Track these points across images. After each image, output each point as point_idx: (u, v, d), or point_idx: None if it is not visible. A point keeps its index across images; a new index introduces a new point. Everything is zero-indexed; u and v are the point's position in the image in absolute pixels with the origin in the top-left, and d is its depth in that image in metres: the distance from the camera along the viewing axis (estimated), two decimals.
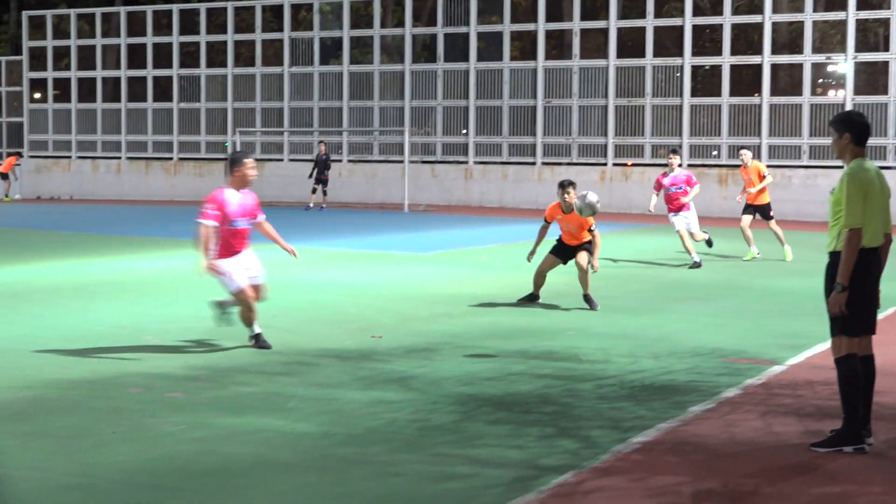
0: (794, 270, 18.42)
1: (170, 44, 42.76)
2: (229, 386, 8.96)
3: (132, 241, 22.76)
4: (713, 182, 34.30)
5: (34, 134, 45.11)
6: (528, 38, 38.31)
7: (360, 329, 11.84)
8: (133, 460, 6.81)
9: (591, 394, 8.88)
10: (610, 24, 36.23)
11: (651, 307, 13.95)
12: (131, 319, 12.35)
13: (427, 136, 38.65)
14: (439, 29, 38.79)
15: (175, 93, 42.64)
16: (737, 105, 34.73)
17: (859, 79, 33.70)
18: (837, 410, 8.37)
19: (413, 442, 7.33)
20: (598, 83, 36.52)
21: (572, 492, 6.31)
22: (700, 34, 35.98)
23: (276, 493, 6.24)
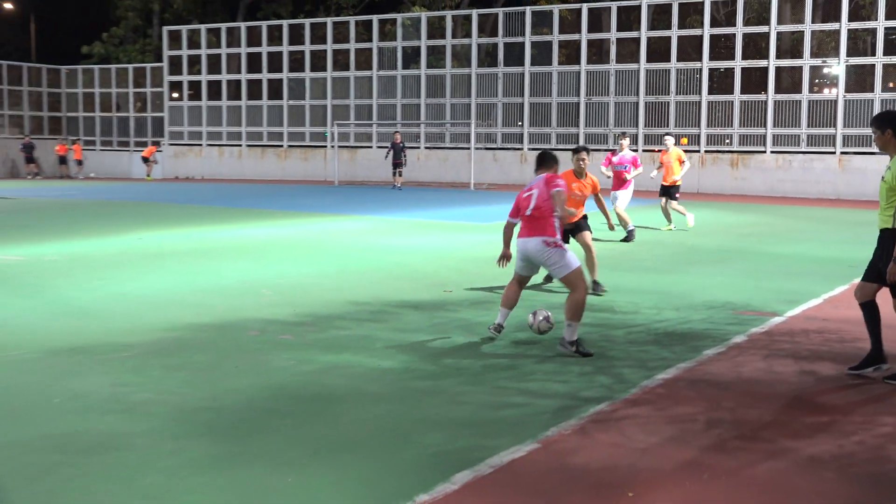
0: (794, 239, 18.16)
1: (280, 52, 42.98)
2: (329, 330, 9.05)
3: (250, 213, 22.99)
4: (726, 165, 33.91)
5: (172, 126, 45.66)
6: (573, 46, 37.98)
7: (435, 285, 11.88)
8: (252, 388, 6.92)
9: (622, 339, 8.86)
10: (641, 34, 35.85)
11: (673, 268, 13.85)
12: (251, 276, 12.50)
13: (489, 127, 38.54)
14: (500, 39, 38.61)
15: (285, 92, 42.89)
16: (746, 101, 34.26)
17: (850, 79, 33.05)
18: (827, 353, 8.31)
19: (477, 377, 7.37)
20: (630, 83, 36.17)
21: (607, 419, 6.31)
22: (716, 42, 35.44)
23: (366, 417, 6.30)
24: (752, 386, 7.24)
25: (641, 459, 5.53)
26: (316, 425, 6.08)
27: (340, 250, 15.47)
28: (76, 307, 10.13)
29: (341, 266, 13.56)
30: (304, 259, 14.31)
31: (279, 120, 43.08)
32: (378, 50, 41.07)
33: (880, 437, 6.02)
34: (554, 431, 5.97)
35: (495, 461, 5.41)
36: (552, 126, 37.39)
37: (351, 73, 41.58)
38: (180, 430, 5.95)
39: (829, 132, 32.87)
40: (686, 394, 6.97)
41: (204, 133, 44.75)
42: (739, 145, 34.35)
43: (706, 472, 5.36)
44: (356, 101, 41.46)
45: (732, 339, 8.86)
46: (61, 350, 8.08)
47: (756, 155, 33.86)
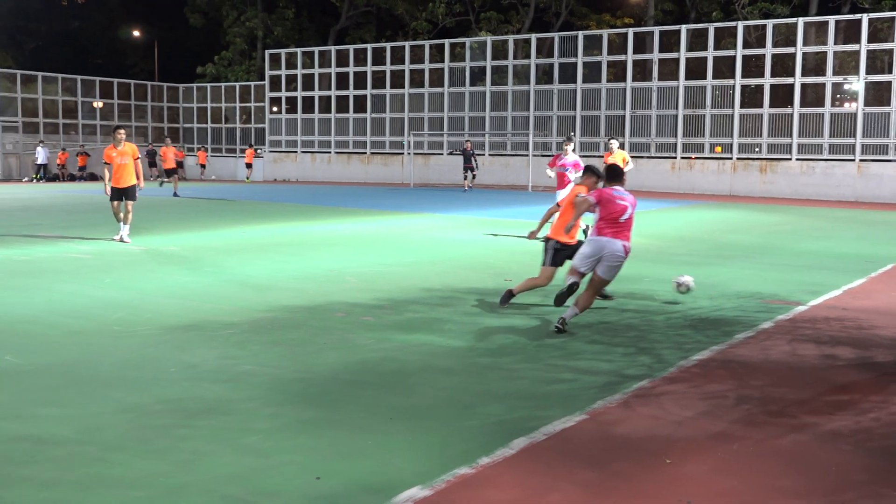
0: (816, 236, 17.75)
1: (365, 72, 43.21)
2: (404, 312, 9.07)
3: (338, 211, 23.18)
4: (755, 171, 33.27)
5: (272, 136, 46.19)
6: (619, 65, 37.55)
7: (496, 274, 11.85)
8: (338, 362, 6.96)
9: (662, 323, 8.74)
10: (681, 54, 35.30)
11: (707, 262, 13.63)
12: (338, 265, 12.59)
13: (545, 136, 38.29)
14: (555, 59, 38.33)
15: (368, 106, 43.12)
16: (774, 114, 33.56)
17: (868, 94, 32.18)
18: (846, 339, 8.11)
19: (532, 355, 7.33)
20: (670, 98, 35.65)
21: (647, 394, 6.23)
22: (748, 61, 34.75)
23: (438, 388, 6.31)
24: (777, 367, 7.09)
25: (678, 431, 5.45)
26: (392, 395, 6.10)
27: (415, 243, 15.51)
28: (190, 290, 10.30)
29: (416, 257, 13.59)
30: (383, 251, 14.37)
31: (363, 130, 43.34)
32: (449, 69, 41.06)
33: (894, 414, 5.85)
34: (600, 404, 5.92)
35: (548, 430, 5.38)
36: (601, 136, 37.01)
37: (425, 90, 41.64)
38: (276, 397, 6.01)
39: (848, 142, 32.06)
40: (718, 373, 6.85)
41: (298, 142, 45.20)
42: (768, 153, 33.68)
43: (735, 443, 5.26)
44: (430, 114, 41.51)
45: (760, 325, 8.69)
46: (177, 327, 8.22)
47: (783, 162, 33.17)
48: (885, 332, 8.45)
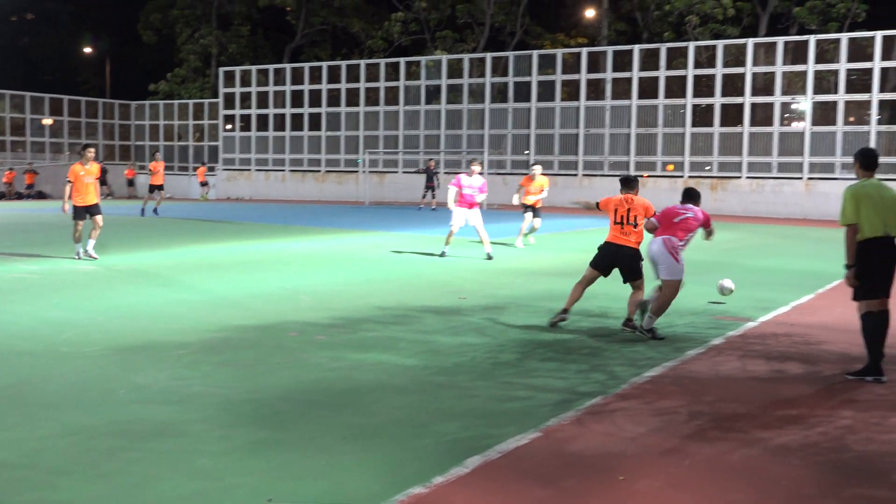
0: (766, 253, 18.04)
1: (320, 90, 43.12)
2: (358, 331, 9.03)
3: (292, 229, 23.04)
4: (706, 189, 33.73)
5: (226, 154, 45.84)
6: (573, 85, 37.95)
7: (451, 292, 11.86)
8: (291, 382, 6.91)
9: (615, 340, 8.81)
10: (633, 74, 35.80)
11: None
12: (291, 283, 12.51)
13: (500, 155, 38.51)
14: (510, 78, 38.63)
15: (323, 124, 43.03)
16: (725, 133, 34.14)
17: (816, 114, 32.89)
18: (795, 354, 8.24)
19: (487, 373, 7.34)
20: (623, 117, 36.10)
21: (601, 411, 6.26)
22: (699, 81, 35.33)
23: (392, 407, 6.28)
24: (728, 383, 7.17)
25: (631, 447, 5.49)
26: (346, 415, 6.06)
27: (369, 262, 15.47)
28: (141, 309, 10.15)
29: (370, 276, 13.56)
30: (337, 269, 14.32)
31: (318, 148, 43.21)
32: (405, 88, 41.16)
33: (841, 428, 5.95)
34: (554, 422, 5.94)
35: (502, 448, 5.38)
36: (555, 154, 37.34)
37: (381, 108, 41.68)
38: (227, 418, 5.94)
39: (797, 160, 32.70)
40: (670, 389, 6.92)
41: (253, 159, 44.91)
42: (719, 171, 34.21)
43: (687, 458, 5.31)
44: (385, 132, 41.53)
45: (712, 342, 8.80)
46: (127, 347, 8.10)
47: (733, 180, 33.71)
48: (832, 346, 8.61)
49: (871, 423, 6.07)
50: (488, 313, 10.22)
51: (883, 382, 7.25)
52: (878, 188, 7.47)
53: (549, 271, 14.44)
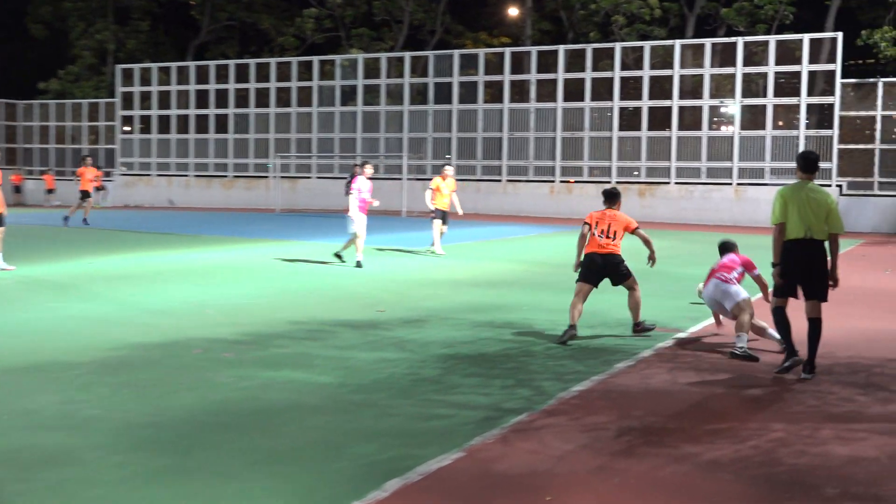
0: (696, 261, 18.43)
1: (227, 89, 42.66)
2: (269, 348, 8.92)
3: (197, 239, 22.67)
4: (634, 195, 34.39)
5: (124, 157, 44.92)
6: (496, 86, 38.30)
7: (369, 305, 11.81)
8: (195, 404, 6.78)
9: (541, 354, 8.88)
10: (558, 76, 36.32)
11: None
12: (196, 297, 12.30)
13: (420, 159, 38.60)
14: (430, 79, 38.80)
15: (230, 126, 42.57)
16: (653, 137, 34.87)
17: (744, 118, 33.83)
18: (725, 365, 8.44)
19: (407, 390, 7.32)
20: (549, 120, 36.57)
21: (527, 428, 6.30)
22: (626, 84, 36.02)
23: (304, 428, 6.22)
24: (658, 396, 7.30)
25: (558, 465, 5.53)
26: (255, 438, 5.97)
27: (281, 273, 15.32)
28: (30, 327, 9.85)
29: (281, 288, 13.42)
30: (246, 281, 14.14)
31: (225, 152, 42.69)
32: (318, 88, 40.97)
33: (772, 441, 6.10)
34: (478, 441, 5.95)
35: (423, 469, 5.36)
36: (477, 158, 37.59)
37: (293, 110, 41.39)
38: (126, 444, 5.80)
39: (726, 165, 33.57)
40: (599, 404, 7.00)
41: (153, 164, 44.11)
42: (647, 177, 34.92)
43: (617, 476, 5.37)
44: (297, 135, 41.25)
45: (641, 354, 8.94)
46: (14, 369, 7.84)
47: (661, 186, 34.43)
48: (764, 356, 8.83)
49: (803, 436, 6.24)
50: (408, 327, 10.20)
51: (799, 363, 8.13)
52: (807, 191, 8.13)
53: (472, 281, 14.51)
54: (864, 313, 11.32)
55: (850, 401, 7.28)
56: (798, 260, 8.09)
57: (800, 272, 8.13)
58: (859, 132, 32.82)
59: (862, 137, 32.67)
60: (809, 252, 8.07)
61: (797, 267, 8.11)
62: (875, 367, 8.56)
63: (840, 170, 32.24)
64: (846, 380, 8.02)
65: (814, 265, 8.12)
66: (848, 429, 6.46)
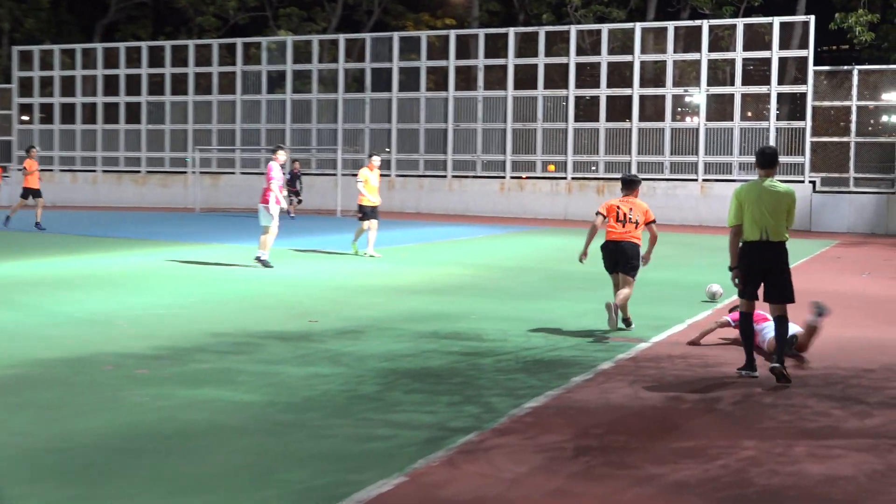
0: (658, 265, 18.60)
1: (139, 75, 42.17)
2: (188, 363, 8.83)
3: (106, 242, 22.35)
4: (592, 192, 34.70)
5: (22, 150, 44.10)
6: (440, 72, 38.38)
7: (300, 314, 11.75)
8: (105, 427, 6.68)
9: (491, 367, 8.91)
10: (508, 61, 36.52)
11: (542, 294, 14.05)
12: (105, 307, 12.12)
13: (356, 153, 38.51)
14: (367, 64, 38.76)
15: (143, 116, 42.08)
16: (612, 129, 35.22)
17: (710, 108, 34.32)
18: (691, 378, 8.56)
19: (343, 409, 7.30)
20: (498, 110, 36.75)
21: (475, 449, 6.32)
22: (582, 70, 36.34)
23: (228, 452, 6.16)
24: (619, 412, 7.37)
25: (510, 490, 5.55)
26: (174, 463, 5.91)
27: (201, 280, 15.17)
28: None
29: (201, 296, 13.30)
30: (162, 289, 13.98)
31: (137, 144, 42.19)
32: (242, 74, 40.68)
33: (742, 460, 6.19)
34: (421, 463, 5.95)
35: (362, 496, 5.35)
36: (420, 152, 37.64)
37: (214, 97, 41.05)
38: (26, 473, 5.70)
39: (691, 160, 34.04)
40: (554, 421, 7.05)
41: (56, 157, 43.38)
42: (605, 172, 35.24)
43: (575, 500, 5.41)
44: (219, 126, 40.91)
45: (600, 366, 9.02)
46: None
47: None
48: (733, 369, 8.97)
49: (775, 454, 6.35)
50: (343, 338, 10.17)
51: (755, 378, 8.58)
52: (763, 190, 8.64)
53: (414, 288, 14.51)
54: (840, 321, 11.55)
55: (825, 415, 7.43)
56: (754, 264, 8.65)
57: (758, 276, 8.66)
58: (833, 124, 33.49)
59: (836, 129, 33.32)
60: (765, 255, 8.61)
61: (754, 271, 8.65)
62: (852, 379, 8.75)
63: (813, 164, 32.80)
64: (821, 392, 8.18)
65: (772, 268, 8.62)
66: (823, 445, 6.59)
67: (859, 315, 12.70)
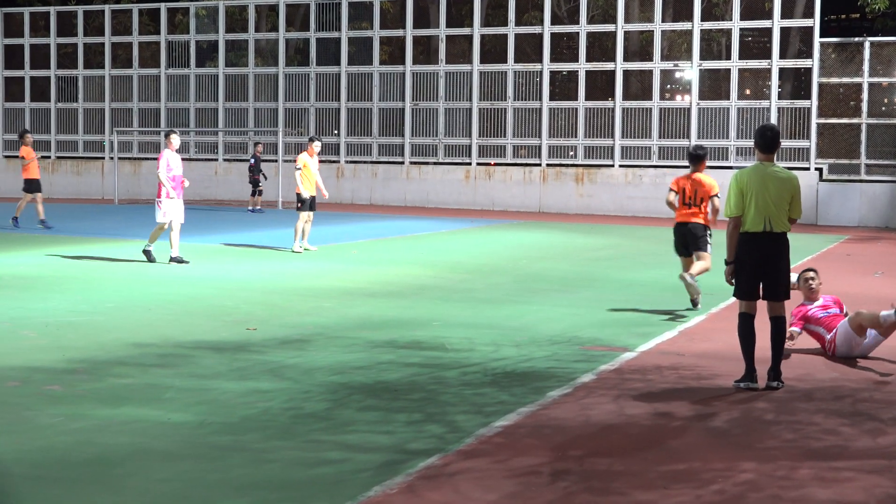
0: (647, 263, 18.78)
1: (48, 45, 41.77)
2: (106, 378, 8.78)
3: (8, 238, 22.12)
4: (570, 180, 34.84)
5: None
6: (396, 43, 38.37)
7: (236, 321, 11.72)
8: (11, 452, 6.63)
9: (456, 381, 8.93)
10: (474, 30, 36.54)
11: (513, 298, 14.10)
12: (9, 315, 12.01)
13: (300, 136, 38.42)
14: (312, 34, 38.64)
15: (53, 93, 41.69)
16: (592, 108, 35.33)
17: (704, 85, 34.56)
18: (683, 392, 8.63)
19: (286, 429, 7.29)
20: (462, 87, 36.78)
21: (438, 474, 6.34)
22: (558, 41, 36.47)
23: (154, 480, 6.14)
24: (601, 431, 7.41)
25: None
26: (91, 493, 5.89)
27: (121, 282, 15.08)
28: None
29: (122, 301, 13.22)
30: (75, 293, 13.87)
31: (46, 126, 41.78)
32: (167, 44, 40.41)
33: (741, 484, 6.26)
34: (377, 491, 5.96)
35: None
36: (373, 135, 37.59)
37: (134, 72, 40.75)
38: None
39: (682, 144, 34.20)
40: (528, 442, 7.08)
41: None
42: (585, 158, 35.35)
43: None
44: (141, 105, 40.63)
45: (579, 379, 9.06)
46: None
47: (603, 169, 34.93)
48: (729, 381, 9.04)
49: (777, 477, 6.42)
50: (287, 349, 10.16)
51: (755, 389, 8.70)
52: (768, 175, 8.89)
53: (367, 291, 14.51)
54: None
55: (833, 433, 7.52)
56: (756, 257, 8.86)
57: (759, 270, 8.89)
58: (842, 103, 33.77)
59: (846, 110, 33.60)
60: (769, 247, 8.86)
61: (756, 264, 8.87)
62: (862, 392, 8.86)
63: (819, 149, 33.05)
64: (828, 407, 8.27)
65: (774, 261, 8.89)
66: (831, 467, 6.67)
67: None
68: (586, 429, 7.46)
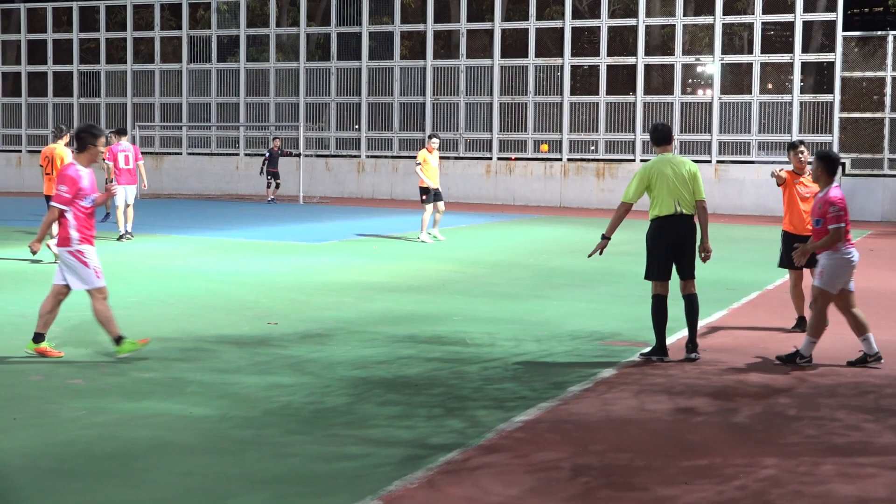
0: None
1: (70, 40, 41.91)
2: (129, 372, 8.81)
3: (30, 232, 22.17)
4: (591, 175, 34.76)
5: None
6: (417, 37, 38.36)
7: (257, 316, 11.74)
8: (34, 445, 6.67)
9: (476, 375, 8.93)
10: (495, 25, 36.48)
11: (533, 293, 14.08)
12: (32, 310, 12.04)
13: (321, 131, 38.47)
14: (333, 28, 38.65)
15: (75, 88, 41.83)
16: (613, 103, 35.23)
17: (725, 79, 34.43)
18: (704, 387, 8.61)
19: (307, 423, 7.30)
20: (483, 81, 36.74)
21: (459, 469, 6.34)
22: (579, 36, 36.39)
23: (175, 474, 6.16)
24: (622, 426, 7.40)
25: None
26: (114, 487, 5.91)
27: (143, 277, 15.12)
28: None
29: (144, 295, 13.25)
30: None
31: (69, 120, 41.92)
32: (188, 39, 40.49)
33: (763, 480, 6.24)
34: (398, 485, 5.96)
35: None
36: (394, 130, 37.58)
37: (156, 66, 40.83)
38: None
39: (703, 138, 34.11)
40: (549, 437, 7.07)
41: None
42: (606, 153, 35.27)
43: None
44: (162, 100, 40.72)
45: (600, 374, 9.05)
46: None
47: (624, 164, 34.82)
48: (751, 377, 9.02)
49: (800, 473, 6.39)
50: (308, 343, 10.17)
51: (666, 362, 9.48)
52: (670, 164, 9.79)
53: (388, 285, 14.51)
54: (873, 322, 11.61)
55: (856, 429, 7.49)
56: (670, 237, 9.72)
57: (673, 251, 9.71)
58: (866, 97, 33.58)
59: (869, 104, 33.41)
60: (681, 227, 9.73)
61: (669, 245, 9.71)
62: (887, 388, 8.81)
63: (842, 144, 32.87)
64: (852, 403, 8.24)
65: (685, 241, 9.73)
66: (854, 463, 6.64)
67: (895, 315, 12.78)
68: (607, 424, 7.45)
